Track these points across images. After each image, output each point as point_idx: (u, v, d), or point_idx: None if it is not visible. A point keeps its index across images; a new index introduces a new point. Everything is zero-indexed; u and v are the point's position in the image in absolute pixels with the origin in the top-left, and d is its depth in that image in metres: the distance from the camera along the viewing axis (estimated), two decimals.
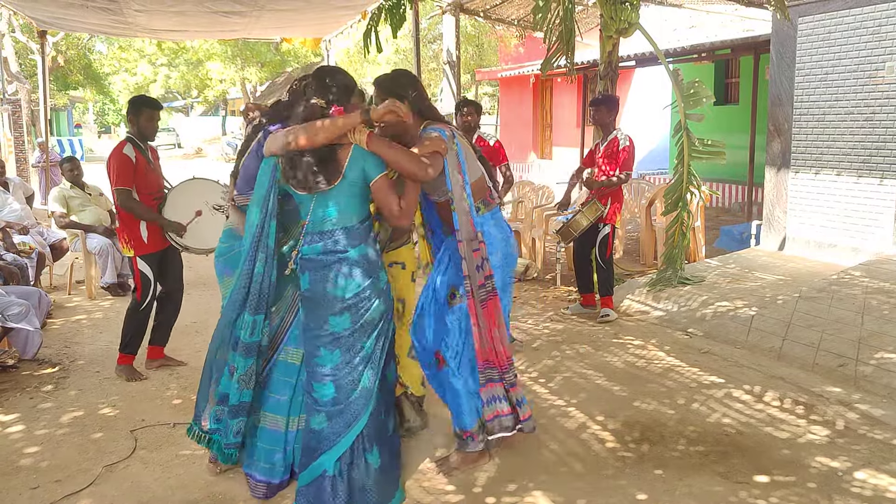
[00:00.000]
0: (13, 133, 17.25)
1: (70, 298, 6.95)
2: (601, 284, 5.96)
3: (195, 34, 10.98)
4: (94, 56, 30.06)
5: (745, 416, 3.96)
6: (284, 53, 28.15)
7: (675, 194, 6.20)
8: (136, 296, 4.70)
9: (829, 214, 7.41)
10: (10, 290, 5.19)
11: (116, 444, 3.73)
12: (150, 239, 4.65)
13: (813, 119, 7.47)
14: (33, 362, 4.98)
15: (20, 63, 21.15)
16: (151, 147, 4.86)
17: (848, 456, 3.46)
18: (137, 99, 4.80)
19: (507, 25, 11.27)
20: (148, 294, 4.68)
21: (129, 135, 4.72)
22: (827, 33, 7.25)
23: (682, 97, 6.05)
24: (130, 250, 4.66)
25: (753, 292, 6.14)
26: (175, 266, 4.92)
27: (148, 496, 3.21)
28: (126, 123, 4.75)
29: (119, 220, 4.72)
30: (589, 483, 3.27)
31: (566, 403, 4.18)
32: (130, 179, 4.56)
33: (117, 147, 4.64)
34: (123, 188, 4.54)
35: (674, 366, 4.80)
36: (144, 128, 4.68)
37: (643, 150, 14.70)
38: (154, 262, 4.69)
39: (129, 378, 4.66)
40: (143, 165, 4.64)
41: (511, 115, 19.65)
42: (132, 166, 4.57)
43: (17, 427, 3.97)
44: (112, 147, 4.77)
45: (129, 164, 4.56)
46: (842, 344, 4.82)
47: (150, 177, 4.71)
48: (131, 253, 4.65)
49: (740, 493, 3.15)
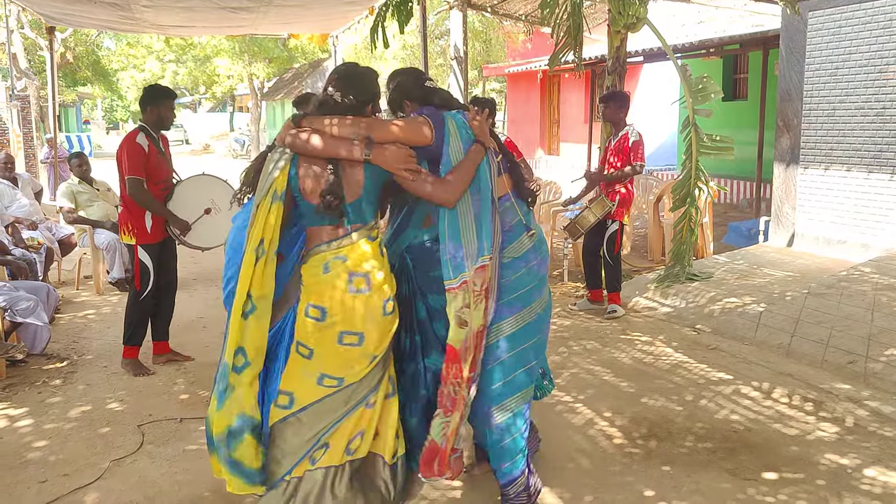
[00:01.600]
0: (22, 129, 17.35)
1: (78, 294, 6.98)
2: (609, 280, 5.94)
3: (203, 30, 10.99)
4: (102, 52, 30.20)
5: (753, 412, 3.94)
6: (292, 49, 28.13)
7: (684, 190, 6.17)
8: (135, 285, 4.67)
9: (838, 210, 7.37)
10: (19, 285, 5.21)
11: (124, 439, 3.74)
12: (153, 229, 4.64)
13: (823, 114, 7.42)
14: (42, 357, 5.00)
15: (29, 59, 21.25)
16: (163, 136, 4.84)
17: (857, 453, 3.44)
18: (157, 89, 4.80)
19: (515, 21, 11.23)
20: (148, 283, 4.66)
21: (141, 124, 4.70)
22: (837, 28, 7.20)
23: (691, 92, 6.01)
24: (132, 238, 4.63)
25: (762, 289, 6.11)
26: (172, 257, 4.90)
27: (155, 491, 3.21)
28: (141, 113, 4.71)
29: (123, 208, 4.68)
30: (596, 479, 3.26)
31: (573, 399, 4.17)
32: (142, 169, 4.54)
33: (129, 136, 4.61)
34: (135, 177, 4.52)
35: (681, 362, 4.78)
36: (165, 117, 4.70)
37: (651, 147, 14.61)
38: (154, 253, 4.67)
39: (136, 373, 4.66)
40: (154, 155, 4.62)
41: (518, 112, 19.62)
42: (144, 155, 4.55)
43: (26, 421, 3.98)
44: (122, 137, 4.75)
45: (142, 154, 4.54)
46: (851, 340, 4.79)
47: (161, 166, 4.69)
48: (133, 241, 4.63)
49: (748, 489, 3.13)
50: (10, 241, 6.49)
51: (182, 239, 4.78)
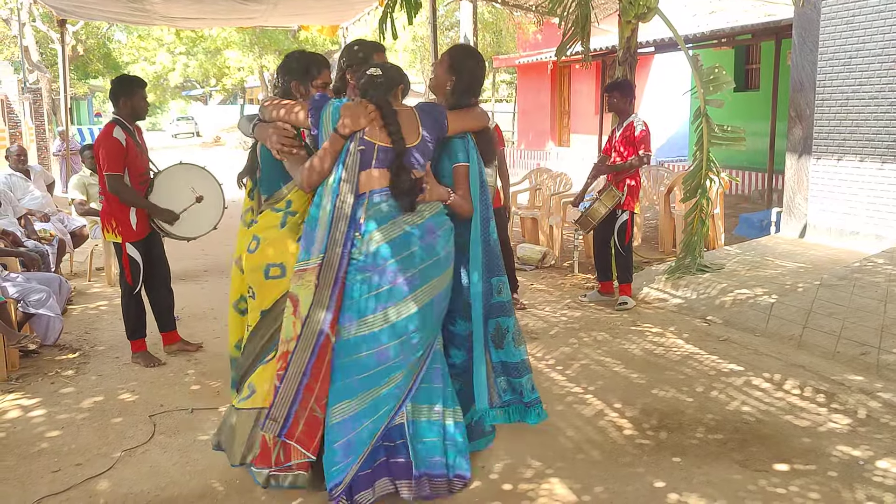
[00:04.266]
0: (34, 122, 17.45)
1: (90, 285, 7.02)
2: (620, 271, 5.92)
3: (213, 22, 11.01)
4: (113, 45, 30.23)
5: (764, 404, 3.92)
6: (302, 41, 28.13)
7: (695, 181, 6.13)
8: (126, 281, 4.64)
9: (851, 201, 7.31)
10: (32, 277, 5.25)
11: (135, 429, 3.76)
12: (138, 225, 4.59)
13: (836, 104, 7.36)
14: (54, 348, 5.04)
15: (41, 52, 21.32)
16: (138, 126, 4.76)
17: (870, 445, 3.42)
18: (128, 79, 4.72)
19: (525, 11, 11.19)
20: (139, 278, 4.64)
21: (115, 117, 4.61)
22: (851, 17, 7.13)
23: (702, 83, 5.97)
24: (117, 236, 4.58)
25: (773, 280, 6.08)
26: (159, 247, 4.86)
27: (167, 481, 3.23)
28: (114, 106, 4.61)
29: (105, 205, 4.62)
30: (606, 470, 3.25)
31: (583, 391, 4.16)
32: (121, 164, 4.47)
33: (105, 131, 4.53)
34: (114, 173, 4.46)
35: (692, 353, 4.76)
36: (139, 107, 4.62)
37: (662, 138, 14.59)
38: (142, 247, 4.63)
39: (147, 364, 4.68)
40: (133, 148, 4.55)
41: (529, 103, 19.55)
42: (122, 150, 4.47)
43: (39, 411, 4.02)
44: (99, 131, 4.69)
45: (120, 149, 4.47)
46: (864, 332, 4.76)
47: (140, 159, 4.62)
48: (118, 239, 4.58)
49: (759, 481, 3.12)
50: (23, 232, 6.54)
51: (167, 230, 4.73)
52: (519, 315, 5.68)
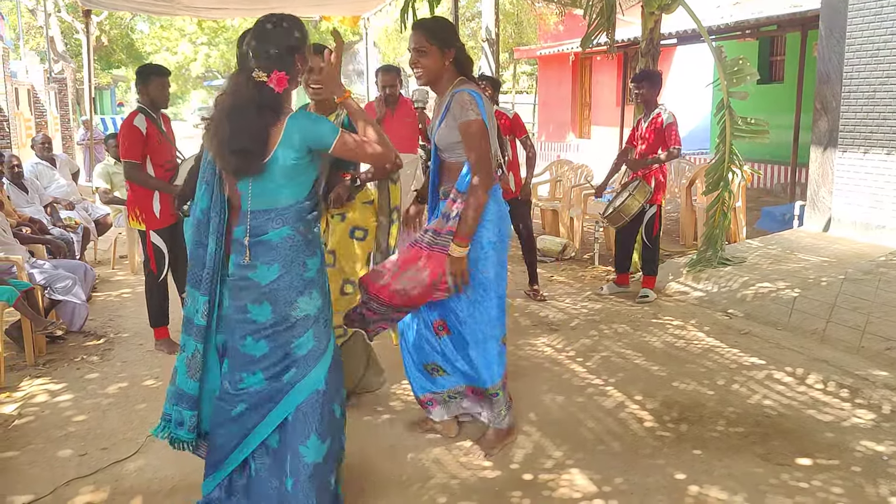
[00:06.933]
0: (59, 111, 17.64)
1: (114, 273, 7.10)
2: (645, 263, 5.89)
3: (235, 12, 11.03)
4: (136, 35, 30.48)
5: (786, 398, 3.90)
6: (323, 32, 28.18)
7: (717, 174, 6.09)
8: (151, 269, 4.67)
9: (878, 195, 7.21)
10: (58, 264, 5.32)
11: (159, 415, 3.79)
12: (162, 213, 4.61)
13: (863, 97, 7.26)
14: (80, 334, 5.12)
15: (66, 43, 21.54)
16: (164, 115, 4.79)
17: (894, 440, 3.39)
18: (145, 68, 4.75)
19: (547, 2, 11.13)
20: (164, 266, 4.68)
21: (139, 105, 4.65)
22: (879, 7, 7.01)
23: (726, 74, 5.92)
24: (141, 224, 4.62)
25: (796, 274, 6.02)
26: (183, 236, 4.90)
27: (191, 467, 3.26)
28: (138, 94, 4.67)
29: (130, 192, 4.67)
30: (626, 462, 3.25)
31: (604, 382, 4.16)
32: (139, 152, 4.50)
33: (128, 118, 4.58)
34: (130, 160, 4.49)
35: (713, 346, 4.74)
36: (156, 97, 4.64)
37: (684, 130, 14.44)
38: (167, 236, 4.66)
39: (171, 351, 4.73)
40: (155, 136, 4.58)
41: (550, 95, 19.45)
42: (142, 138, 4.50)
43: (66, 396, 4.08)
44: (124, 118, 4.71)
45: (139, 136, 4.50)
46: (889, 327, 4.71)
47: (163, 147, 4.64)
48: (142, 227, 4.62)
49: (782, 475, 3.11)
50: (49, 220, 6.63)
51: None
52: (539, 306, 5.68)
